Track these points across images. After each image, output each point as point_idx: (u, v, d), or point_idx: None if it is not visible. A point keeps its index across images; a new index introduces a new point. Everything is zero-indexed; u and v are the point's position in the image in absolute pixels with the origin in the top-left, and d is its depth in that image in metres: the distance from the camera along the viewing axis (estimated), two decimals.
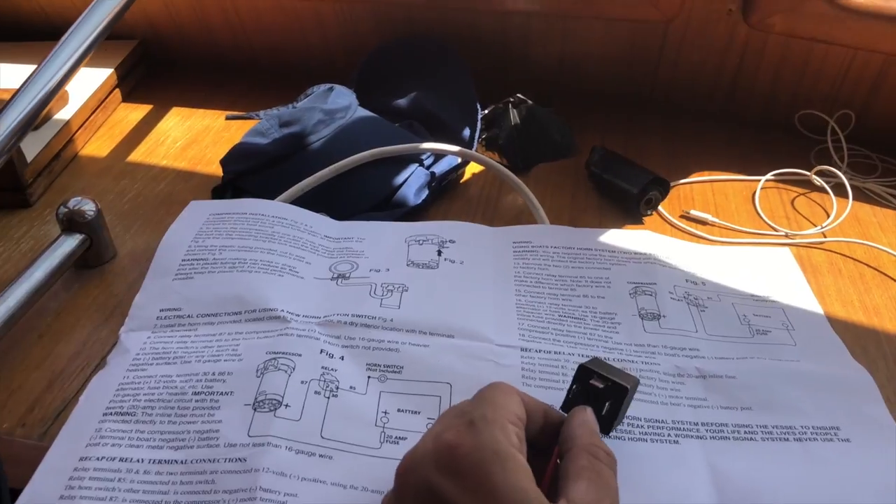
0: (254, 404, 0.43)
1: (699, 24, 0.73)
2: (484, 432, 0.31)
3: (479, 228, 0.60)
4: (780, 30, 0.69)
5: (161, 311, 0.51)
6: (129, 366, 0.47)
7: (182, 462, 0.41)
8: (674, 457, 0.42)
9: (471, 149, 0.69)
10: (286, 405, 0.43)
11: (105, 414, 0.44)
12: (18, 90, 0.58)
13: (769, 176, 0.69)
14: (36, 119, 0.58)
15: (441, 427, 0.32)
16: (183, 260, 0.54)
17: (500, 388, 0.36)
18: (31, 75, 0.59)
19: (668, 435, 0.43)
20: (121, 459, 0.41)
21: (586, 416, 0.38)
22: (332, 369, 0.46)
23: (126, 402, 0.44)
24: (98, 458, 0.41)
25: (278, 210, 0.59)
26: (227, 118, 0.72)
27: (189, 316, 0.50)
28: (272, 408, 0.43)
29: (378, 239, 0.58)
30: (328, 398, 0.44)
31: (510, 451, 0.31)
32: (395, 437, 0.42)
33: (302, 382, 0.44)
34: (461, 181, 0.70)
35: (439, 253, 0.56)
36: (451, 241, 0.57)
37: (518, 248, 0.58)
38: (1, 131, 0.55)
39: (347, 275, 0.54)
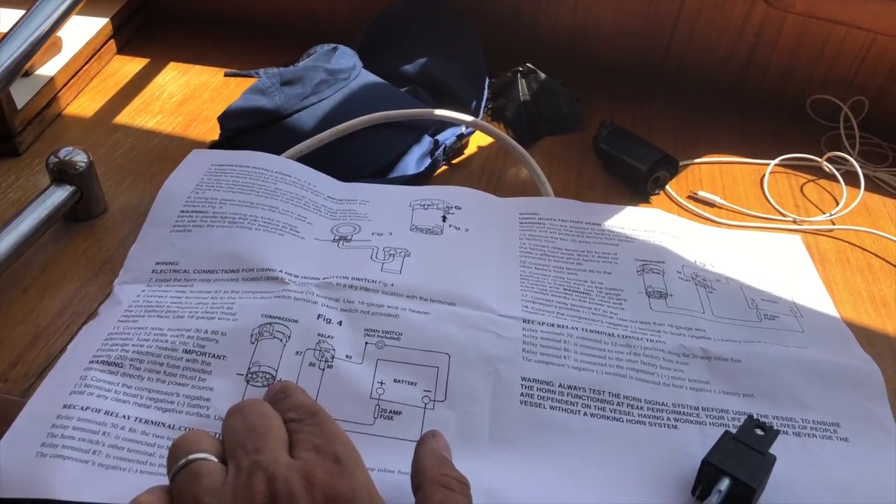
0: (247, 375, 0.42)
1: (716, 0, 0.71)
2: (356, 472, 0.32)
3: (486, 197, 0.58)
4: (800, 9, 0.68)
5: (157, 263, 0.49)
6: (120, 317, 0.45)
7: (170, 426, 0.39)
8: (672, 442, 0.41)
9: (476, 118, 0.67)
10: (279, 381, 0.42)
11: (91, 361, 0.42)
12: (7, 33, 0.55)
13: (778, 160, 0.68)
14: (25, 64, 0.56)
15: (303, 463, 0.31)
16: (182, 211, 0.53)
17: (331, 420, 0.35)
18: (20, 18, 0.56)
19: (668, 419, 0.43)
20: (106, 412, 0.39)
21: (433, 444, 0.36)
22: (329, 336, 0.44)
23: (114, 351, 0.43)
24: (83, 408, 0.39)
25: (282, 166, 0.57)
26: (226, 75, 0.70)
27: (185, 271, 0.49)
28: (265, 382, 0.42)
29: (382, 202, 0.56)
30: (323, 370, 0.42)
31: (378, 493, 0.32)
32: (390, 412, 0.41)
33: (297, 353, 0.43)
34: (465, 151, 0.68)
35: (444, 219, 0.54)
36: (457, 208, 0.56)
37: (525, 220, 0.57)
38: None
39: (349, 237, 0.53)
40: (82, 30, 0.76)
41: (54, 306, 0.50)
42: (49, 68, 0.71)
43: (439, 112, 0.63)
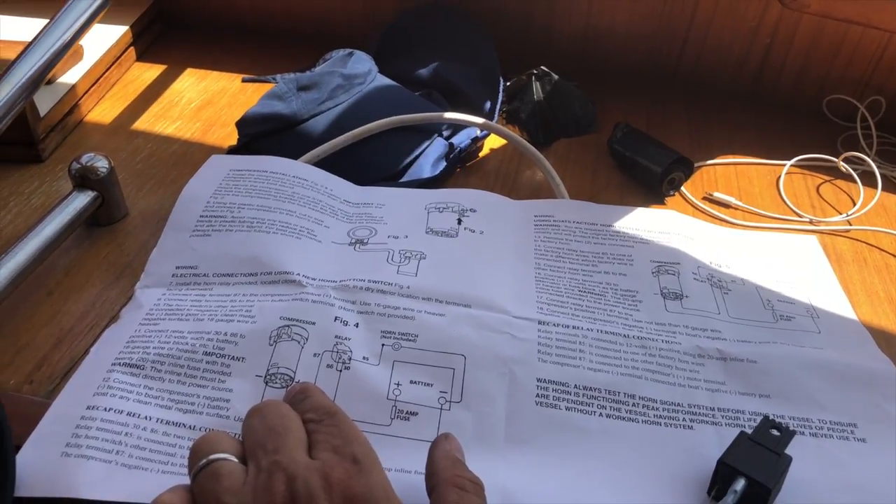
0: (265, 377, 0.43)
1: (730, 2, 0.71)
2: (373, 473, 0.32)
3: (501, 199, 0.59)
4: (815, 10, 0.67)
5: (177, 268, 0.50)
6: (141, 320, 0.46)
7: (190, 427, 0.40)
8: (687, 443, 0.41)
9: (491, 121, 0.68)
10: (298, 382, 0.42)
11: (113, 364, 0.43)
12: (32, 42, 0.57)
13: (794, 161, 0.68)
14: (49, 72, 0.57)
15: (322, 463, 0.32)
16: (201, 216, 0.54)
17: (349, 421, 0.35)
18: (44, 28, 0.58)
19: (683, 420, 0.43)
20: (129, 413, 0.40)
21: (446, 446, 0.37)
22: (346, 338, 0.45)
23: (135, 353, 0.44)
24: (106, 409, 0.40)
25: (299, 170, 0.58)
26: (244, 80, 0.70)
27: (205, 275, 0.50)
28: (284, 384, 0.42)
29: (398, 205, 0.57)
30: (340, 371, 0.43)
31: (394, 493, 0.32)
32: (406, 413, 0.41)
33: (315, 355, 0.44)
34: (479, 154, 0.69)
35: (459, 221, 0.55)
36: (472, 210, 0.56)
37: (539, 222, 0.57)
38: (14, 83, 0.54)
39: (365, 240, 0.53)
40: (102, 38, 0.77)
41: (77, 309, 0.51)
42: (71, 76, 0.72)
43: (454, 115, 0.64)
